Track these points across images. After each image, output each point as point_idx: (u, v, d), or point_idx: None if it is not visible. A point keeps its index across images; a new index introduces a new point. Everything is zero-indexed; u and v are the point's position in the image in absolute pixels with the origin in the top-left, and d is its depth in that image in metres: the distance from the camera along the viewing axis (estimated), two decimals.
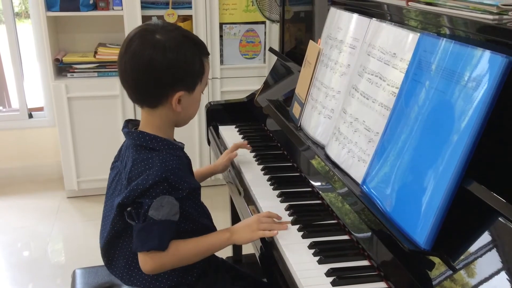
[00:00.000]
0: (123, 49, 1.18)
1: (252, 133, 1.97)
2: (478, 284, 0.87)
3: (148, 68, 1.15)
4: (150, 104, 1.21)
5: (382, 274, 1.08)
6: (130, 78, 1.18)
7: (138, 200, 1.15)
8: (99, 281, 1.50)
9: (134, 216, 1.16)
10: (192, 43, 1.20)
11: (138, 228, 1.15)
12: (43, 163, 3.41)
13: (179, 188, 1.18)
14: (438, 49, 1.06)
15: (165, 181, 1.15)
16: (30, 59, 3.42)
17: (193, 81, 1.20)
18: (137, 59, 1.15)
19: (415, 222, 1.01)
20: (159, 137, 1.21)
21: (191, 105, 1.24)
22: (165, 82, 1.17)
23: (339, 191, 1.29)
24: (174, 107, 1.19)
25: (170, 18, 2.94)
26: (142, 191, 1.14)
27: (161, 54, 1.14)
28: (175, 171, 1.17)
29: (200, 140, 3.15)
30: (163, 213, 1.15)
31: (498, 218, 0.88)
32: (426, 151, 1.02)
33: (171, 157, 1.18)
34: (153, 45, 1.14)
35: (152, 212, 1.14)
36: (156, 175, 1.14)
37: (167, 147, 1.21)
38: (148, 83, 1.17)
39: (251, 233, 1.25)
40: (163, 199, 1.15)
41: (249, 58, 3.17)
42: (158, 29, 1.17)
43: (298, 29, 2.13)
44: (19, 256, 2.66)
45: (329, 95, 1.49)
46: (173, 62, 1.15)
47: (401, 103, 1.14)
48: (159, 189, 1.14)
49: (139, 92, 1.20)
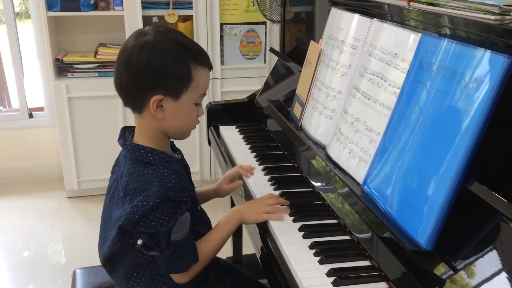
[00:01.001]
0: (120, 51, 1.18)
1: (253, 133, 1.96)
2: (480, 284, 0.87)
3: (126, 67, 1.13)
4: (135, 108, 1.18)
5: (383, 274, 1.07)
6: (116, 78, 1.17)
7: (144, 229, 1.12)
8: (100, 281, 1.50)
9: (154, 247, 1.13)
10: (183, 48, 1.14)
11: (168, 255, 1.14)
12: (43, 163, 3.41)
13: (184, 201, 1.15)
14: (439, 49, 1.06)
15: (168, 201, 1.12)
16: (31, 59, 3.42)
17: (175, 87, 1.14)
18: (121, 57, 1.15)
19: (416, 222, 1.01)
20: (154, 150, 1.17)
21: (178, 114, 1.17)
22: (140, 83, 1.13)
23: (340, 191, 1.29)
24: (153, 112, 1.14)
25: (170, 18, 2.94)
26: (143, 213, 1.11)
27: (137, 53, 1.12)
28: (176, 186, 1.13)
29: (200, 140, 3.15)
30: (184, 231, 1.15)
31: (500, 218, 0.88)
32: (428, 151, 1.02)
33: (168, 172, 1.14)
34: (135, 44, 1.13)
35: (174, 236, 1.13)
36: (156, 196, 1.11)
37: (163, 160, 1.16)
38: (127, 82, 1.15)
39: (257, 215, 1.28)
40: (182, 219, 1.14)
41: (249, 59, 3.17)
42: (151, 30, 1.15)
43: (299, 29, 2.13)
44: (19, 256, 2.65)
45: (330, 95, 1.49)
46: (148, 62, 1.11)
47: (402, 104, 1.14)
48: (163, 210, 1.12)
49: (123, 94, 1.18)
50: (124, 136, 1.25)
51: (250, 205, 1.33)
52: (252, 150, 1.79)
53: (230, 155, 1.81)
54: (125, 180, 1.16)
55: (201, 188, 1.50)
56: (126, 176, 1.17)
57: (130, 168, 1.16)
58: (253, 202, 1.36)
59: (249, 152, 1.78)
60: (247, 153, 1.77)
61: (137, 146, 1.17)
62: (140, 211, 1.11)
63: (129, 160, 1.18)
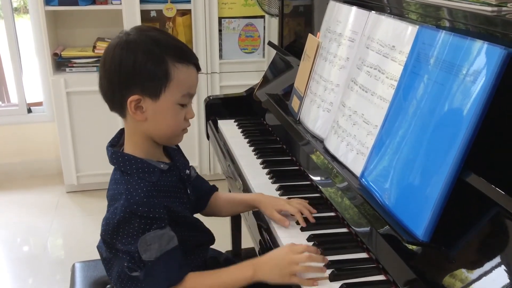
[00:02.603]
0: None
1: (251, 127, 1.97)
2: (477, 276, 0.87)
3: (103, 67, 1.10)
4: (117, 110, 1.13)
5: (381, 266, 1.08)
6: (99, 79, 1.13)
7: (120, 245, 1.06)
8: (99, 274, 1.50)
9: (133, 267, 1.06)
10: (159, 46, 1.07)
11: (142, 276, 1.06)
12: (42, 158, 3.41)
13: (156, 217, 1.06)
14: (437, 42, 1.05)
15: (135, 216, 1.04)
16: (29, 54, 3.42)
17: (152, 86, 1.07)
18: (101, 58, 1.12)
19: (413, 214, 1.01)
20: (134, 159, 1.10)
21: (159, 116, 1.09)
22: (115, 82, 1.08)
23: (338, 184, 1.29)
24: (132, 113, 1.08)
25: (169, 12, 2.93)
26: (113, 228, 1.06)
27: (111, 52, 1.08)
28: (143, 201, 1.05)
29: (199, 135, 3.15)
30: (156, 250, 1.06)
31: (497, 210, 0.89)
32: (425, 143, 1.02)
33: (140, 184, 1.07)
34: (116, 45, 1.08)
35: (144, 255, 1.05)
36: (121, 210, 1.04)
37: (141, 170, 1.09)
38: (105, 83, 1.11)
39: (281, 277, 1.07)
40: (145, 238, 1.05)
41: (248, 53, 3.16)
42: (134, 30, 1.11)
43: (297, 23, 2.12)
44: (18, 251, 2.66)
45: (328, 88, 1.48)
46: (121, 60, 1.06)
47: (400, 96, 1.14)
48: (132, 226, 1.04)
49: (103, 96, 1.14)
50: (117, 139, 1.20)
51: (273, 262, 1.09)
52: (250, 144, 1.79)
53: (228, 149, 1.81)
54: (108, 186, 1.15)
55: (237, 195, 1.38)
56: (109, 182, 1.15)
57: (113, 173, 1.15)
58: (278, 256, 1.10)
59: (247, 146, 1.78)
60: (246, 147, 1.78)
61: (115, 153, 1.12)
62: (111, 224, 1.06)
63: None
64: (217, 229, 1.44)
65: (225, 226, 2.36)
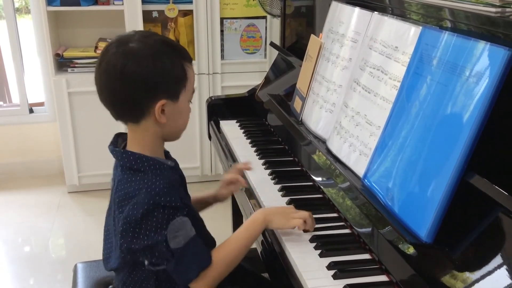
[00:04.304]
0: (98, 62, 1.12)
1: (253, 128, 1.96)
2: (480, 278, 0.87)
3: (122, 79, 1.07)
4: (132, 118, 1.13)
5: (384, 267, 1.08)
6: (106, 92, 1.12)
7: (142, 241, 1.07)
8: (101, 274, 1.50)
9: (159, 261, 1.09)
10: (171, 49, 1.12)
11: (173, 266, 1.08)
12: (43, 158, 3.41)
13: (178, 206, 1.09)
14: (440, 42, 1.05)
15: (158, 207, 1.07)
16: (31, 54, 3.42)
17: (175, 88, 1.12)
18: (111, 70, 1.08)
19: (416, 216, 1.01)
20: (145, 157, 1.12)
21: (177, 116, 1.15)
22: (142, 92, 1.09)
23: (341, 185, 1.29)
24: (158, 117, 1.11)
25: (170, 12, 2.93)
26: (136, 224, 1.07)
27: (134, 63, 1.07)
28: (165, 191, 1.08)
29: (201, 135, 3.15)
30: (183, 237, 1.09)
31: (500, 211, 0.88)
32: (428, 144, 1.02)
33: (157, 177, 1.10)
34: (126, 54, 1.07)
35: (173, 243, 1.07)
36: (144, 203, 1.06)
37: (153, 167, 1.12)
38: (125, 95, 1.09)
39: (287, 221, 1.20)
40: (174, 225, 1.08)
41: (250, 53, 3.16)
42: (132, 38, 1.10)
43: (299, 23, 2.12)
44: (20, 251, 2.66)
45: (331, 89, 1.48)
46: (149, 70, 1.08)
47: (402, 97, 1.14)
48: (156, 217, 1.07)
49: (118, 107, 1.13)
50: (116, 142, 1.20)
51: (279, 209, 1.26)
52: (252, 145, 1.79)
53: (230, 149, 1.81)
54: (115, 188, 1.14)
55: (199, 194, 1.44)
56: (115, 184, 1.15)
57: (119, 175, 1.14)
58: (282, 207, 1.27)
59: (249, 147, 1.78)
60: (248, 147, 1.77)
61: (126, 152, 1.14)
62: (133, 221, 1.07)
63: (119, 167, 1.16)
64: (219, 229, 1.44)
65: (227, 227, 2.36)
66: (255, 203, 1.41)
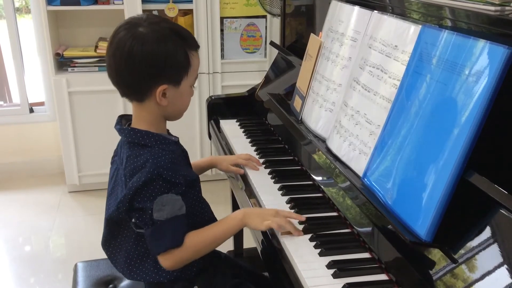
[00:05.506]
0: (109, 42, 1.20)
1: (253, 127, 1.96)
2: (480, 276, 0.87)
3: (128, 61, 1.14)
4: (136, 98, 1.21)
5: (383, 266, 1.08)
6: (113, 71, 1.18)
7: (137, 204, 1.15)
8: (101, 274, 1.51)
9: (141, 224, 1.16)
10: (177, 36, 1.17)
11: (149, 233, 1.15)
12: (44, 158, 3.41)
13: (177, 182, 1.16)
14: (439, 41, 1.05)
15: (159, 178, 1.13)
16: (31, 54, 3.42)
17: (177, 75, 1.18)
18: (119, 51, 1.15)
19: (416, 214, 1.01)
20: (151, 133, 1.20)
21: (178, 99, 1.22)
22: (146, 75, 1.16)
23: (340, 184, 1.29)
24: (158, 100, 1.18)
25: (170, 12, 2.93)
26: (136, 190, 1.14)
27: (140, 46, 1.13)
28: (168, 166, 1.15)
29: (201, 134, 3.15)
30: (167, 212, 1.14)
31: (500, 209, 0.88)
32: (428, 143, 1.02)
33: (163, 152, 1.17)
34: (134, 37, 1.14)
35: (156, 214, 1.14)
36: (148, 172, 1.13)
37: (159, 142, 1.19)
38: (130, 76, 1.16)
39: (260, 222, 1.22)
40: (162, 198, 1.14)
41: (250, 52, 3.16)
42: (142, 22, 1.16)
43: (299, 22, 2.12)
44: (20, 250, 2.66)
45: (330, 88, 1.48)
46: (153, 54, 1.14)
47: (402, 96, 1.14)
48: (154, 187, 1.14)
49: (123, 86, 1.20)
50: (121, 123, 1.27)
51: (259, 210, 1.29)
52: (252, 144, 1.79)
53: (230, 149, 1.81)
54: (124, 164, 1.19)
55: (196, 161, 1.52)
56: (124, 161, 1.19)
57: (128, 152, 1.19)
58: (264, 209, 1.32)
59: (249, 146, 1.78)
60: (248, 146, 1.77)
61: (133, 129, 1.20)
62: (134, 187, 1.13)
63: (126, 145, 1.21)
64: None
65: None
66: (255, 202, 1.41)
